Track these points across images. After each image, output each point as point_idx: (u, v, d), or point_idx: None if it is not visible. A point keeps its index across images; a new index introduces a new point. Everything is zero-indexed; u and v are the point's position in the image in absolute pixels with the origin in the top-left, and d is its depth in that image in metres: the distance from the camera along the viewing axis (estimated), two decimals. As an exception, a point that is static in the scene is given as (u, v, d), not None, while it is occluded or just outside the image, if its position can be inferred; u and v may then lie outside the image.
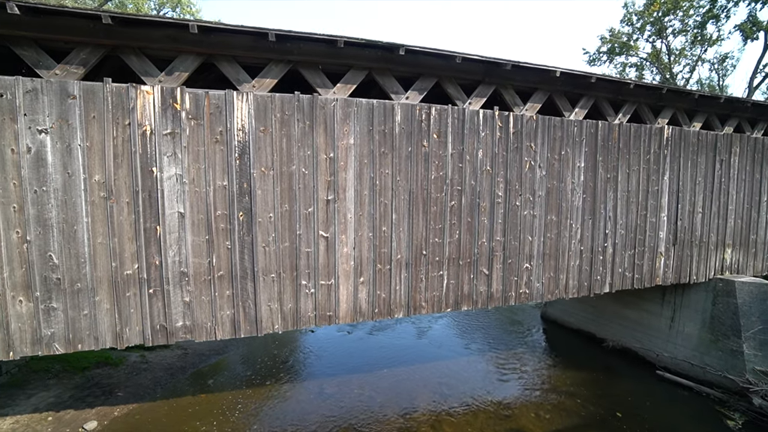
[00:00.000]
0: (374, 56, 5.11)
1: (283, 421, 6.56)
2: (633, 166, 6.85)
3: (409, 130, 5.30)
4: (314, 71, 5.03)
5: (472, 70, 5.61)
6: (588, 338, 10.49)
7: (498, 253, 5.91)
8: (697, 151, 7.44)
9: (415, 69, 5.38)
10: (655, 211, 7.14)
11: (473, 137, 5.64)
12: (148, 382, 7.37)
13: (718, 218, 7.78)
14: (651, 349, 8.84)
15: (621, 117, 6.83)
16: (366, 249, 5.21)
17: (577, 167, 6.37)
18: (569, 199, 6.35)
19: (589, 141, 6.44)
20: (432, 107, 5.39)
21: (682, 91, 6.95)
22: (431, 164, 5.44)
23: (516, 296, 6.09)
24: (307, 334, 10.81)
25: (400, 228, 5.35)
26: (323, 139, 4.95)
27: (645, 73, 20.48)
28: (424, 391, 7.62)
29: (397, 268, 5.37)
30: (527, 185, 6.03)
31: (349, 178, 5.08)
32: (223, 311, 4.70)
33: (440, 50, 5.13)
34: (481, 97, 5.79)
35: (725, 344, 7.44)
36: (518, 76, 5.92)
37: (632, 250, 6.98)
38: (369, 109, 5.11)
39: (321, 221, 5.00)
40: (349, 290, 5.18)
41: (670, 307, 8.61)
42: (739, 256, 8.11)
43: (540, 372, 8.56)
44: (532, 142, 6.01)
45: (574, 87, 6.30)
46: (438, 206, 5.51)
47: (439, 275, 5.60)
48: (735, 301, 7.41)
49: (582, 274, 6.58)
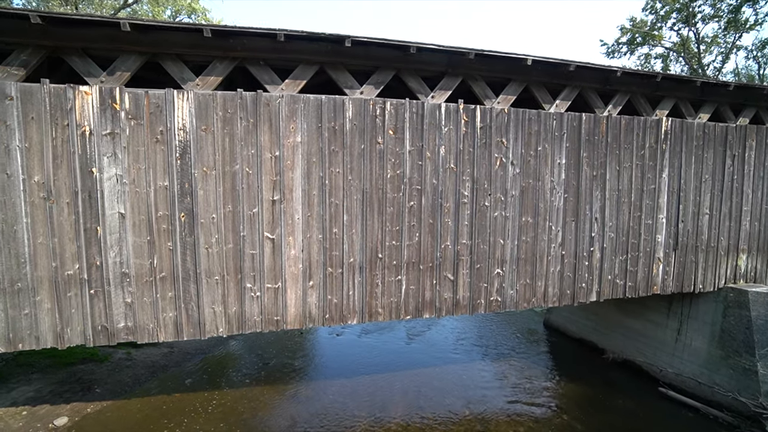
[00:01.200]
0: (323, 50, 4.88)
1: (248, 424, 6.47)
2: (624, 162, 6.23)
3: (361, 126, 5.03)
4: (262, 68, 4.87)
5: (433, 61, 5.26)
6: (590, 348, 9.75)
7: (464, 258, 5.51)
8: (703, 145, 6.67)
9: (369, 62, 5.10)
10: (652, 212, 6.46)
11: (434, 133, 5.28)
12: (128, 380, 7.51)
13: (729, 220, 6.95)
14: (655, 363, 8.06)
15: (611, 109, 6.23)
16: (315, 252, 4.99)
17: (557, 164, 5.85)
18: (548, 199, 5.84)
19: (571, 135, 5.90)
20: (387, 101, 5.09)
21: (680, 78, 6.25)
22: (387, 162, 5.14)
23: (486, 304, 5.66)
24: (296, 335, 10.74)
25: (353, 230, 5.09)
26: (268, 138, 4.77)
27: (673, 65, 18.99)
28: (400, 401, 7.30)
29: (350, 272, 5.12)
30: (498, 184, 5.59)
31: (296, 178, 4.88)
32: (166, 313, 4.64)
33: (392, 41, 4.83)
34: (445, 89, 5.42)
35: (737, 362, 6.63)
36: (486, 66, 5.50)
37: (624, 255, 6.35)
38: (317, 105, 4.88)
39: (266, 222, 4.83)
40: (298, 294, 4.98)
41: (676, 318, 7.81)
42: (756, 263, 7.21)
43: (529, 384, 8.00)
44: (503, 138, 5.57)
45: (553, 77, 5.79)
46: (395, 207, 5.20)
47: (397, 280, 5.29)
48: (748, 314, 6.58)
49: (564, 281, 6.04)
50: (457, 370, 8.67)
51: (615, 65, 5.84)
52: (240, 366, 8.71)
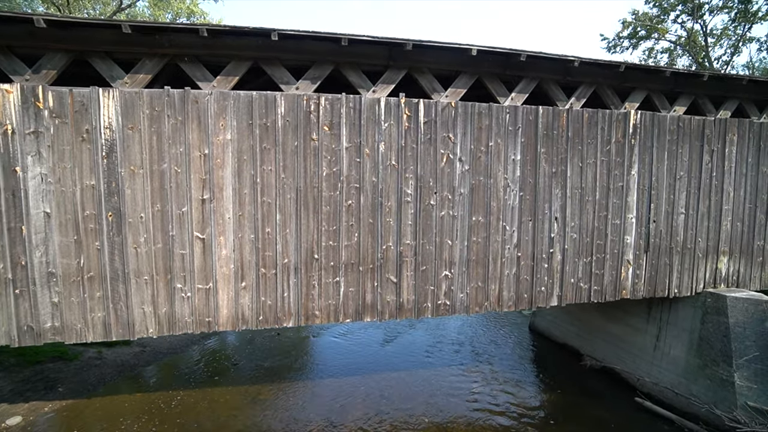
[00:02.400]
0: (253, 45, 4.74)
1: (203, 425, 6.40)
2: (588, 158, 5.87)
3: (295, 122, 4.87)
4: (194, 65, 4.77)
5: (372, 53, 5.05)
6: (572, 354, 9.33)
7: (408, 259, 5.29)
8: (678, 140, 6.24)
9: (304, 56, 4.94)
10: (620, 212, 6.08)
11: (373, 128, 5.08)
12: (93, 379, 7.57)
13: (707, 220, 6.48)
14: (633, 371, 7.62)
15: (574, 102, 5.88)
16: (248, 252, 4.86)
17: (511, 160, 5.56)
18: (501, 197, 5.55)
19: (526, 130, 5.59)
20: (321, 96, 4.92)
21: (648, 68, 5.85)
22: (322, 159, 4.96)
23: (433, 308, 5.42)
24: (272, 335, 10.67)
25: (287, 230, 4.93)
26: (197, 136, 4.67)
27: (679, 60, 18.05)
28: (360, 405, 7.12)
29: (284, 273, 4.97)
30: (445, 182, 5.34)
31: (226, 176, 4.76)
32: (94, 313, 4.59)
33: (323, 33, 4.66)
34: (388, 83, 5.21)
35: (714, 372, 6.17)
36: (431, 59, 5.26)
37: (589, 258, 5.99)
38: (248, 101, 4.75)
39: (196, 222, 4.73)
40: (230, 295, 4.87)
41: (655, 324, 7.36)
42: (739, 265, 6.71)
43: (500, 391, 7.68)
44: (450, 133, 5.31)
45: (506, 68, 5.50)
46: (331, 206, 5.02)
47: (335, 282, 5.11)
48: (726, 321, 6.11)
49: (521, 284, 5.73)
50: (428, 374, 8.41)
51: (575, 54, 5.50)
52: (209, 366, 8.69)
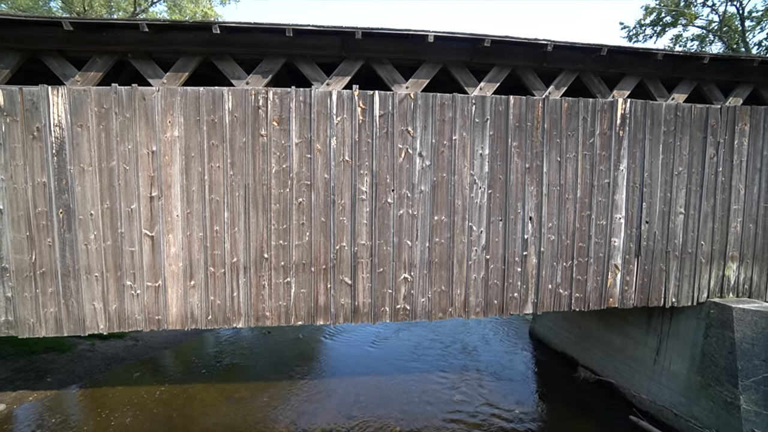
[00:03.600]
0: (200, 40, 4.64)
1: (173, 421, 6.44)
2: (568, 152, 5.35)
3: (243, 118, 4.72)
4: (144, 62, 4.74)
5: (324, 44, 4.82)
6: (569, 363, 8.70)
7: (363, 260, 5.02)
8: (675, 131, 5.57)
9: (254, 49, 4.78)
10: (606, 211, 5.50)
11: (325, 123, 4.85)
12: (82, 370, 7.85)
13: (712, 221, 5.75)
14: (631, 386, 6.95)
15: (553, 90, 5.38)
16: (196, 250, 4.78)
17: (478, 155, 5.15)
18: (467, 195, 5.16)
19: (496, 122, 5.16)
20: (270, 91, 4.74)
21: (635, 51, 5.23)
22: (271, 156, 4.79)
23: (392, 313, 5.12)
24: (262, 334, 10.69)
25: (235, 228, 4.80)
26: (145, 133, 4.63)
27: (711, 47, 16.46)
28: (333, 409, 6.93)
29: (233, 273, 4.84)
30: (403, 178, 5.02)
31: (174, 174, 4.69)
32: (47, 308, 4.66)
33: (267, 24, 4.48)
34: (343, 75, 4.96)
35: (718, 393, 5.47)
36: (388, 47, 4.95)
37: (569, 262, 5.46)
38: (195, 97, 4.65)
39: (145, 219, 4.69)
40: (179, 294, 4.80)
41: (655, 336, 6.67)
42: (752, 273, 5.91)
43: (482, 402, 7.25)
44: (409, 126, 4.99)
45: (473, 56, 5.10)
46: (281, 204, 4.84)
47: (286, 282, 4.93)
48: (732, 335, 5.40)
49: (490, 289, 5.31)
50: (410, 379, 8.10)
51: (550, 38, 5.01)
52: (194, 362, 8.80)
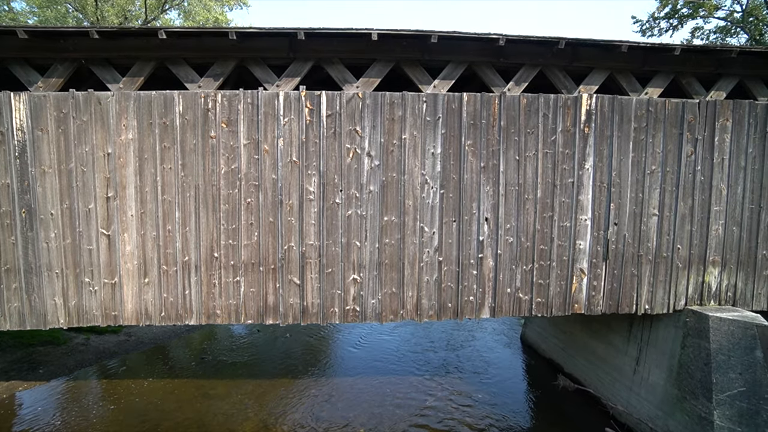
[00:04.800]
0: (153, 45, 4.77)
1: (148, 415, 6.64)
2: (528, 150, 5.15)
3: (193, 120, 4.83)
4: (103, 67, 4.93)
5: (272, 47, 4.86)
6: (555, 370, 8.35)
7: (312, 261, 5.01)
8: (647, 127, 5.24)
9: (205, 54, 4.88)
10: (570, 212, 5.25)
11: (272, 124, 4.88)
12: (73, 363, 8.25)
13: (690, 223, 5.37)
14: (610, 396, 6.59)
15: (512, 86, 5.20)
16: (150, 249, 4.92)
17: (430, 154, 5.04)
18: (418, 195, 5.06)
19: (448, 120, 5.03)
20: (218, 93, 4.82)
21: (596, 43, 4.95)
22: (220, 157, 4.87)
23: (342, 313, 5.08)
24: (253, 331, 10.89)
25: (187, 227, 4.91)
26: (101, 136, 4.81)
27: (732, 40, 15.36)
28: (303, 409, 6.95)
29: (185, 271, 4.95)
30: (352, 179, 4.98)
31: (128, 175, 4.85)
32: (11, 303, 4.93)
33: (211, 29, 4.56)
34: (292, 76, 4.98)
35: (693, 407, 5.10)
36: (339, 47, 4.93)
37: (530, 265, 5.25)
38: (148, 101, 4.80)
39: (102, 219, 4.88)
40: (134, 291, 4.96)
41: (636, 344, 6.30)
42: (736, 279, 5.47)
43: (455, 407, 7.07)
44: (356, 126, 4.94)
45: (424, 53, 5.00)
46: (230, 204, 4.91)
47: (236, 281, 4.99)
48: (708, 346, 5.01)
49: (444, 292, 5.18)
50: (386, 382, 8.02)
51: (507, 32, 4.82)
52: (180, 358, 9.08)
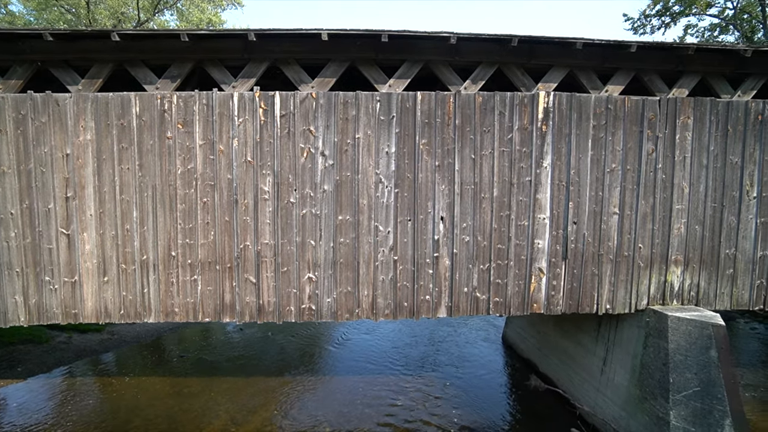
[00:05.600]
0: (109, 47, 4.84)
1: (118, 411, 6.75)
2: (484, 149, 5.13)
3: (150, 122, 4.90)
4: (63, 69, 5.02)
5: (228, 48, 4.91)
6: (532, 370, 8.30)
7: (267, 259, 5.05)
8: (607, 125, 5.19)
9: (162, 55, 4.95)
10: (528, 211, 5.22)
11: (227, 124, 4.92)
12: (52, 361, 8.39)
13: (651, 222, 5.31)
14: (579, 397, 6.54)
15: (469, 85, 5.19)
16: (109, 248, 5.00)
17: (384, 153, 5.05)
18: (372, 194, 5.07)
19: (403, 119, 5.04)
20: (174, 95, 4.88)
21: (549, 40, 4.91)
22: (176, 157, 4.93)
23: (297, 312, 5.11)
24: (237, 331, 10.98)
25: (145, 227, 4.98)
26: (59, 137, 4.90)
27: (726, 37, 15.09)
28: (272, 407, 6.99)
29: (143, 269, 5.03)
30: (306, 178, 5.01)
31: (87, 175, 4.93)
32: (-25, 301, 5.05)
33: (162, 30, 4.62)
34: (248, 77, 5.03)
35: (652, 407, 5.05)
36: (293, 48, 4.97)
37: (487, 264, 5.23)
38: (105, 102, 4.88)
39: (61, 218, 4.97)
40: (94, 289, 5.04)
41: (603, 344, 6.24)
42: (699, 279, 5.39)
43: (424, 406, 7.07)
44: (311, 126, 4.97)
45: (378, 52, 5.00)
46: (187, 203, 4.97)
47: (193, 280, 5.05)
48: (666, 346, 4.96)
49: (399, 292, 5.18)
50: (360, 380, 8.05)
51: (461, 31, 4.81)
52: (160, 356, 9.19)
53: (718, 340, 4.69)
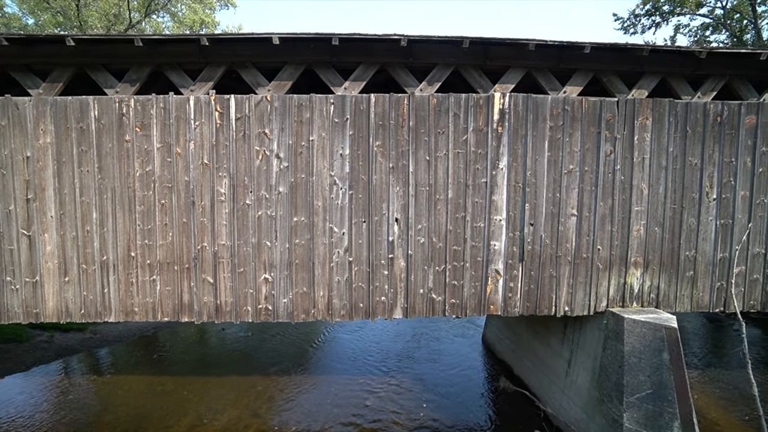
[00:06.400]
0: (68, 52, 4.94)
1: (90, 408, 6.86)
2: (439, 150, 5.14)
3: (108, 125, 4.98)
4: (23, 73, 5.12)
5: (184, 52, 4.98)
6: (507, 372, 8.28)
7: (224, 260, 5.11)
8: (564, 126, 5.18)
9: (121, 60, 5.03)
10: (484, 213, 5.22)
11: (184, 128, 4.99)
12: (31, 360, 8.54)
13: (610, 224, 5.27)
14: (547, 399, 6.52)
15: (425, 86, 5.20)
16: (69, 248, 5.10)
17: (338, 155, 5.08)
18: (327, 196, 5.11)
19: (356, 121, 5.07)
20: (132, 98, 4.96)
21: (500, 42, 4.90)
22: (135, 160, 5.01)
23: (255, 312, 5.17)
24: (217, 330, 11.09)
25: (105, 228, 5.07)
26: (20, 140, 5.01)
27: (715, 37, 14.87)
28: (241, 405, 7.06)
29: (104, 270, 5.12)
30: (261, 180, 5.06)
31: (48, 178, 5.04)
32: (-59, 300, 5.17)
33: (116, 35, 4.70)
34: (206, 81, 5.09)
35: (608, 409, 5.02)
36: (249, 52, 5.02)
37: (443, 266, 5.24)
38: (65, 106, 4.97)
39: (22, 220, 5.08)
40: (55, 289, 5.14)
41: (568, 346, 6.22)
42: (659, 281, 5.35)
43: (394, 407, 7.10)
44: (265, 128, 5.02)
45: (332, 55, 5.04)
46: (145, 205, 5.05)
47: (152, 280, 5.12)
48: (622, 348, 4.93)
49: (355, 292, 5.21)
50: (334, 380, 8.09)
51: (413, 33, 4.83)
52: (138, 355, 9.32)
53: (671, 343, 4.65)
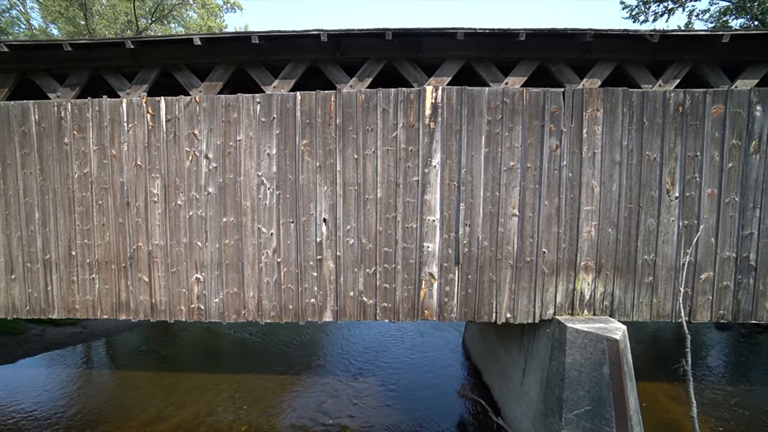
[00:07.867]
0: (5, 58, 5.14)
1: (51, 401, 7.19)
2: (367, 148, 4.93)
3: (48, 128, 5.17)
4: (-23, 79, 5.43)
5: (116, 56, 5.06)
6: (478, 378, 7.91)
7: (158, 260, 5.16)
8: (503, 120, 4.81)
9: (59, 64, 5.19)
10: (416, 213, 4.96)
11: (118, 130, 5.09)
12: (20, 353, 9.07)
13: (557, 225, 4.85)
14: (505, 409, 6.13)
15: (354, 82, 5.01)
16: (15, 247, 5.33)
17: (265, 155, 5.00)
18: (255, 196, 5.03)
19: (283, 120, 4.96)
20: (70, 102, 5.12)
21: (426, 32, 4.59)
22: (73, 162, 5.16)
23: (188, 311, 5.19)
24: (204, 329, 11.37)
25: (47, 228, 5.27)
26: (-32, 144, 5.30)
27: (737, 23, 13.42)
28: (203, 403, 7.17)
29: (47, 268, 5.32)
30: (191, 180, 5.06)
31: (-5, 180, 5.30)
32: None
33: (44, 41, 4.88)
34: (141, 83, 5.17)
35: (550, 425, 4.63)
36: (179, 53, 5.03)
37: (373, 268, 5.03)
38: (7, 110, 5.21)
39: (-26, 220, 5.37)
40: (2, 286, 5.40)
41: (524, 355, 5.81)
42: (614, 287, 4.85)
43: (351, 410, 6.95)
44: (195, 129, 5.02)
45: (258, 54, 4.96)
46: (84, 206, 5.19)
47: (91, 278, 5.27)
48: (564, 359, 4.51)
49: (284, 294, 5.11)
50: (300, 381, 8.05)
51: (334, 28, 4.64)
52: (119, 350, 9.72)
53: (611, 356, 4.20)
